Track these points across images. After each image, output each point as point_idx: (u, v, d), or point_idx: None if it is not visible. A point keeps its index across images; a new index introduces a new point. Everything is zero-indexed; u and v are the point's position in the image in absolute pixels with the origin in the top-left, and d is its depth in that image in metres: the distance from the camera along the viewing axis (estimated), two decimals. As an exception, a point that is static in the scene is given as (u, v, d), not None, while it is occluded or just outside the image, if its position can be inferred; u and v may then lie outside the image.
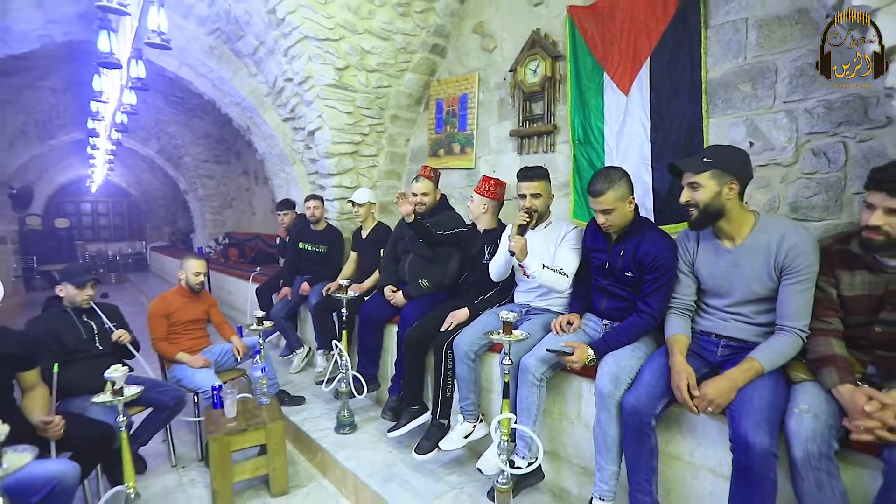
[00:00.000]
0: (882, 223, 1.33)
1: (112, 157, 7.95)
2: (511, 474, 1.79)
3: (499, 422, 1.71)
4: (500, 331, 1.72)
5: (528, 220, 2.01)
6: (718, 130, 2.52)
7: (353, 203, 3.71)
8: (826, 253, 1.52)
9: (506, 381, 1.75)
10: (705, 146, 2.53)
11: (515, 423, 1.76)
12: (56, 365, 2.14)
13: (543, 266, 2.07)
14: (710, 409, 1.47)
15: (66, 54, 3.95)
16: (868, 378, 1.36)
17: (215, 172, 9.83)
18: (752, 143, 2.41)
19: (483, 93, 3.83)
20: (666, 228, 2.54)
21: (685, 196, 1.61)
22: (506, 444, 1.72)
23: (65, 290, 2.57)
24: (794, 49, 2.25)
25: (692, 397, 1.49)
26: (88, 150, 7.24)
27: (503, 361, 1.73)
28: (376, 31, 3.72)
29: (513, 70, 3.43)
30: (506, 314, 1.69)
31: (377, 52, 3.84)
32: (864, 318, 1.44)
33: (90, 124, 5.04)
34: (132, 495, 1.86)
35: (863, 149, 2.12)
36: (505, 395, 1.76)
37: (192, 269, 3.07)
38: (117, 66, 2.73)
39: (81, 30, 3.65)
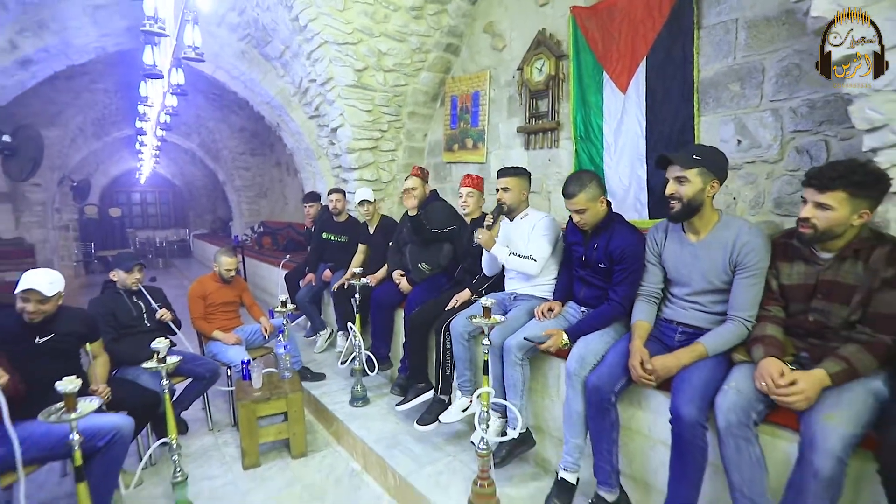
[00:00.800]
0: (810, 216, 1.46)
1: (158, 152, 8.56)
2: (492, 441, 2.02)
3: (478, 395, 1.94)
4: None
5: (493, 215, 2.28)
6: (709, 128, 2.62)
7: (365, 202, 3.93)
8: (773, 246, 1.66)
9: (485, 359, 1.98)
10: (697, 143, 2.64)
11: (494, 397, 1.99)
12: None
13: (510, 254, 2.32)
14: (653, 377, 1.66)
15: (117, 61, 4.38)
16: (798, 360, 1.51)
17: (251, 164, 10.36)
18: (739, 141, 2.51)
19: (494, 90, 4.00)
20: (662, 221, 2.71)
21: (671, 188, 1.75)
22: (485, 414, 1.96)
23: (117, 275, 2.97)
24: (780, 49, 2.33)
25: (644, 371, 1.68)
26: (137, 145, 7.85)
27: (483, 342, 1.95)
28: (392, 34, 3.94)
29: (520, 69, 3.59)
30: (485, 301, 1.91)
31: (393, 53, 4.06)
32: (801, 306, 1.57)
33: (138, 124, 5.52)
34: (174, 445, 2.22)
35: (843, 147, 2.20)
36: (485, 372, 1.99)
37: (224, 265, 3.42)
38: (160, 76, 3.08)
39: (129, 40, 4.05)
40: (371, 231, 4.06)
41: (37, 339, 2.16)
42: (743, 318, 1.63)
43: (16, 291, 2.11)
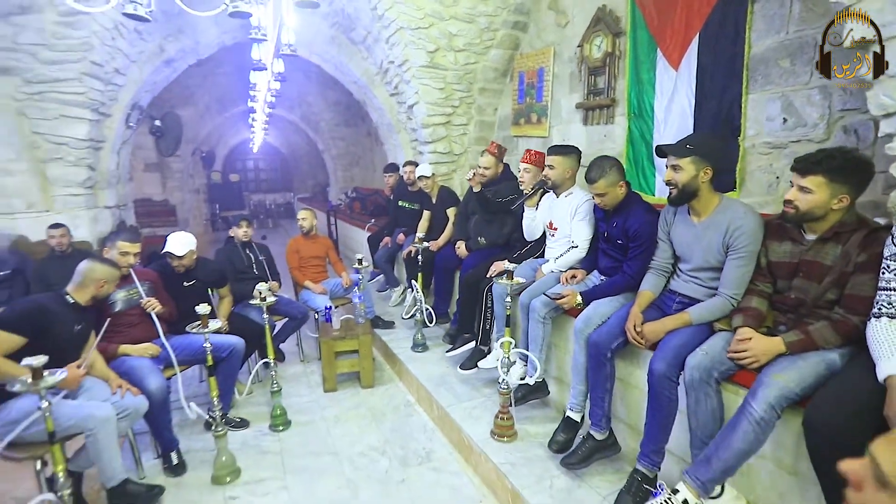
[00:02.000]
0: (793, 198, 1.57)
1: (266, 126, 9.71)
2: (512, 383, 2.41)
3: (500, 343, 2.32)
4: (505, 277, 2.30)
5: (532, 190, 2.51)
6: (756, 106, 2.61)
7: (423, 178, 4.34)
8: (767, 226, 1.78)
9: (507, 314, 2.34)
10: (743, 122, 2.66)
11: (516, 346, 2.35)
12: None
13: (556, 259, 2.64)
14: (642, 340, 1.92)
15: (234, 48, 5.20)
16: (774, 332, 1.67)
17: (345, 135, 11.26)
18: (785, 120, 2.50)
19: (557, 66, 4.13)
20: None
21: (667, 175, 1.93)
22: (506, 360, 2.34)
23: (233, 232, 3.75)
24: (835, 24, 2.26)
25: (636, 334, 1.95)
26: (250, 120, 9.00)
27: (505, 300, 2.32)
28: (461, 16, 4.21)
29: (580, 45, 3.69)
30: (508, 265, 2.26)
31: (463, 34, 4.34)
32: (785, 283, 1.69)
33: (249, 103, 6.43)
34: (272, 364, 2.92)
35: (893, 127, 2.14)
36: (507, 325, 2.36)
37: (300, 217, 4.10)
38: (264, 68, 3.73)
39: (243, 34, 4.77)
40: (434, 201, 4.48)
41: (184, 283, 2.97)
42: (728, 295, 1.80)
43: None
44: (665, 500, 1.62)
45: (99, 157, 4.37)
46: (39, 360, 1.69)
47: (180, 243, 2.91)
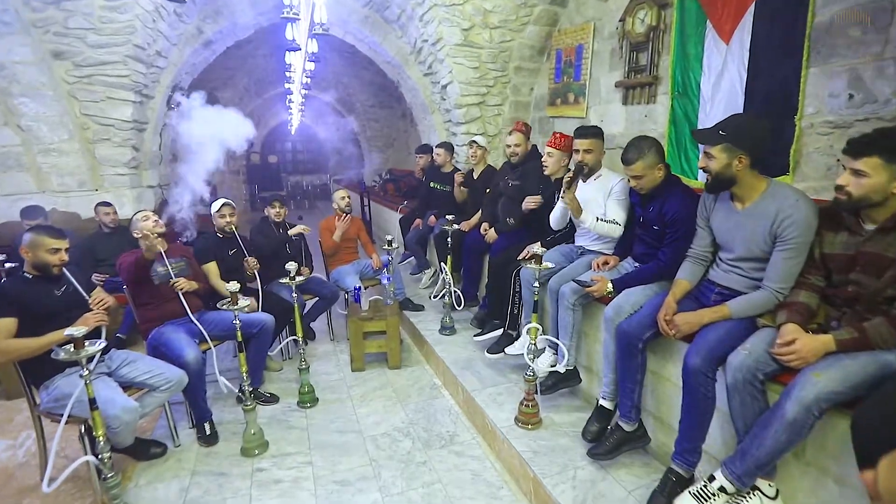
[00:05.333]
0: (845, 183, 1.42)
1: (303, 107, 9.82)
2: (539, 370, 2.36)
3: (527, 329, 2.26)
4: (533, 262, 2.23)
5: (570, 176, 2.37)
6: (817, 82, 2.40)
7: (474, 143, 4.24)
8: (821, 214, 1.61)
9: (535, 300, 2.27)
10: (801, 99, 2.44)
11: (545, 334, 2.29)
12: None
13: (598, 219, 2.45)
14: (674, 332, 1.80)
15: (270, 30, 5.23)
16: (826, 328, 1.53)
17: (380, 116, 11.25)
18: (851, 96, 2.28)
19: (597, 43, 3.93)
20: None
21: (701, 162, 1.80)
22: (533, 346, 2.28)
23: (267, 211, 3.82)
24: (916, -14, 2.02)
25: (668, 324, 1.83)
26: (287, 102, 9.11)
27: (533, 285, 2.24)
28: (497, -9, 4.06)
29: (622, 20, 3.49)
30: (537, 248, 2.18)
31: (498, 10, 4.19)
32: (842, 276, 1.54)
33: (286, 85, 6.50)
34: (300, 341, 2.97)
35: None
36: (534, 311, 2.29)
37: (338, 196, 4.12)
38: (298, 48, 3.75)
39: (279, 15, 4.78)
40: (475, 176, 4.36)
41: (229, 252, 3.14)
42: (774, 289, 1.66)
43: (214, 210, 3.10)
44: (701, 487, 1.55)
45: (143, 139, 4.53)
46: (80, 330, 1.77)
47: (219, 202, 3.26)
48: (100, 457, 1.89)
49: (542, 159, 3.00)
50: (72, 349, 1.78)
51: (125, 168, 4.37)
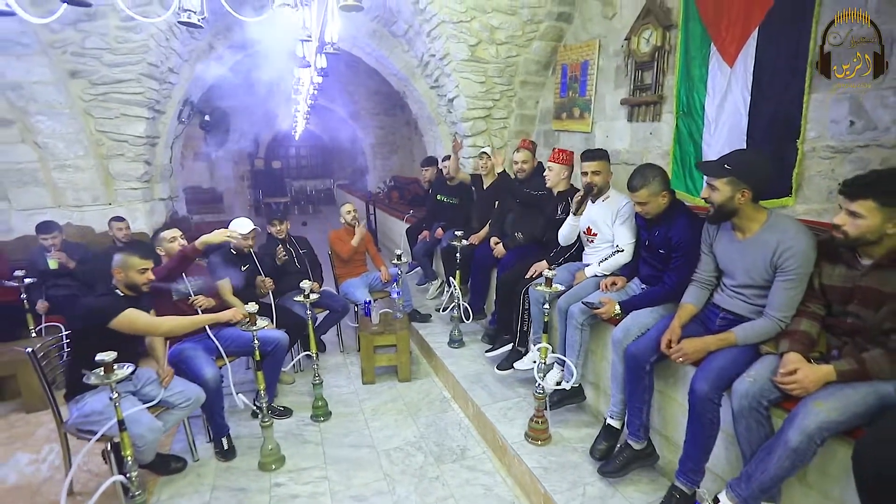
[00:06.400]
0: (842, 223, 1.49)
1: (308, 117, 9.92)
2: (548, 387, 2.42)
3: (538, 348, 2.33)
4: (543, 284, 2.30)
5: (580, 197, 2.44)
6: (819, 107, 2.46)
7: (485, 154, 4.30)
8: (820, 246, 1.68)
9: (545, 320, 2.34)
10: (804, 123, 2.51)
11: (553, 352, 2.36)
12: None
13: (599, 263, 2.59)
14: (680, 358, 1.86)
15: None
16: (827, 357, 1.59)
17: (385, 123, 11.36)
18: (852, 122, 2.34)
19: (602, 59, 4.00)
20: (764, 204, 2.65)
21: (704, 192, 1.87)
22: (542, 364, 2.35)
23: (271, 228, 3.90)
24: (915, 19, 2.08)
25: (671, 349, 1.90)
26: (293, 111, 9.21)
27: (543, 306, 2.31)
28: (503, 9, 4.15)
29: (628, 38, 3.56)
30: (548, 272, 2.25)
31: (505, 27, 4.27)
32: (840, 308, 1.61)
33: (293, 95, 6.58)
34: (313, 356, 3.04)
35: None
36: (545, 331, 2.36)
37: (345, 210, 4.19)
38: (308, 65, 3.82)
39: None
40: (485, 186, 4.40)
41: (241, 268, 3.25)
42: (777, 318, 1.72)
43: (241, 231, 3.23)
44: None
45: (154, 153, 4.62)
46: (109, 355, 1.84)
47: (244, 224, 3.31)
48: (128, 475, 1.96)
49: (545, 173, 3.08)
50: (102, 373, 1.85)
51: (138, 182, 4.45)
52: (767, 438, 1.58)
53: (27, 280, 3.39)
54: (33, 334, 3.48)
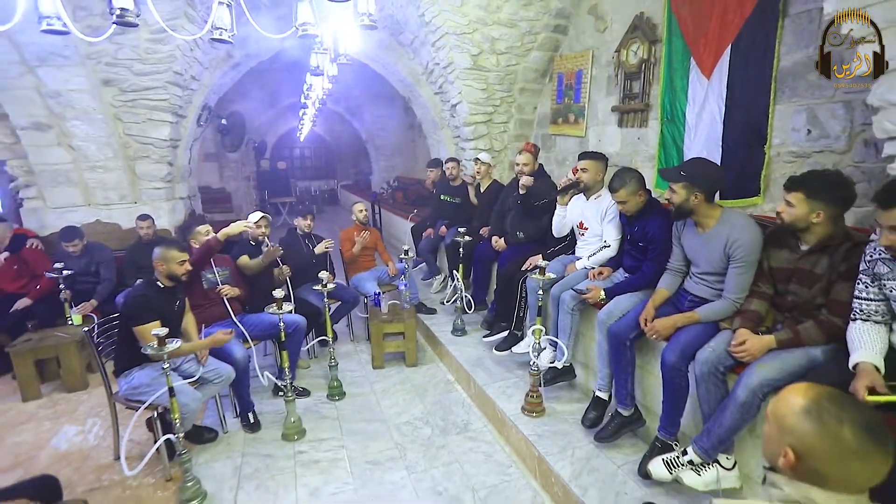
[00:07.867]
0: (781, 210, 1.81)
1: (314, 120, 10.24)
2: (542, 365, 2.73)
3: (532, 330, 2.63)
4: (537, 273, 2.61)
5: (566, 183, 2.81)
6: (782, 117, 2.76)
7: (478, 160, 4.61)
8: (769, 234, 2.00)
9: (539, 305, 2.65)
10: (770, 131, 2.81)
11: (547, 334, 2.66)
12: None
13: (589, 257, 2.90)
14: (654, 335, 2.17)
15: (285, 48, 5.65)
16: (771, 331, 1.90)
17: (388, 125, 11.66)
18: (809, 131, 2.65)
19: (595, 69, 4.30)
20: (736, 202, 2.97)
21: (667, 194, 2.19)
22: (537, 345, 2.66)
23: (297, 222, 4.21)
24: (861, 42, 2.38)
25: (647, 327, 2.22)
26: (300, 114, 9.53)
27: (537, 292, 2.62)
28: (504, 22, 4.45)
29: (618, 51, 3.86)
30: (541, 262, 2.56)
31: (505, 38, 4.58)
32: (783, 287, 1.91)
33: (303, 100, 6.91)
34: (329, 340, 3.35)
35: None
36: (539, 315, 2.66)
37: (357, 209, 4.49)
38: (321, 74, 4.13)
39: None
40: (482, 190, 4.72)
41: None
42: (732, 299, 2.04)
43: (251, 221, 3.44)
44: (674, 457, 1.93)
45: (176, 155, 4.93)
46: (163, 330, 2.15)
47: (256, 215, 3.58)
48: (176, 436, 2.27)
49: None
50: (156, 346, 2.16)
51: (161, 182, 4.76)
52: (723, 398, 1.89)
53: (65, 272, 3.69)
54: (69, 321, 3.78)
